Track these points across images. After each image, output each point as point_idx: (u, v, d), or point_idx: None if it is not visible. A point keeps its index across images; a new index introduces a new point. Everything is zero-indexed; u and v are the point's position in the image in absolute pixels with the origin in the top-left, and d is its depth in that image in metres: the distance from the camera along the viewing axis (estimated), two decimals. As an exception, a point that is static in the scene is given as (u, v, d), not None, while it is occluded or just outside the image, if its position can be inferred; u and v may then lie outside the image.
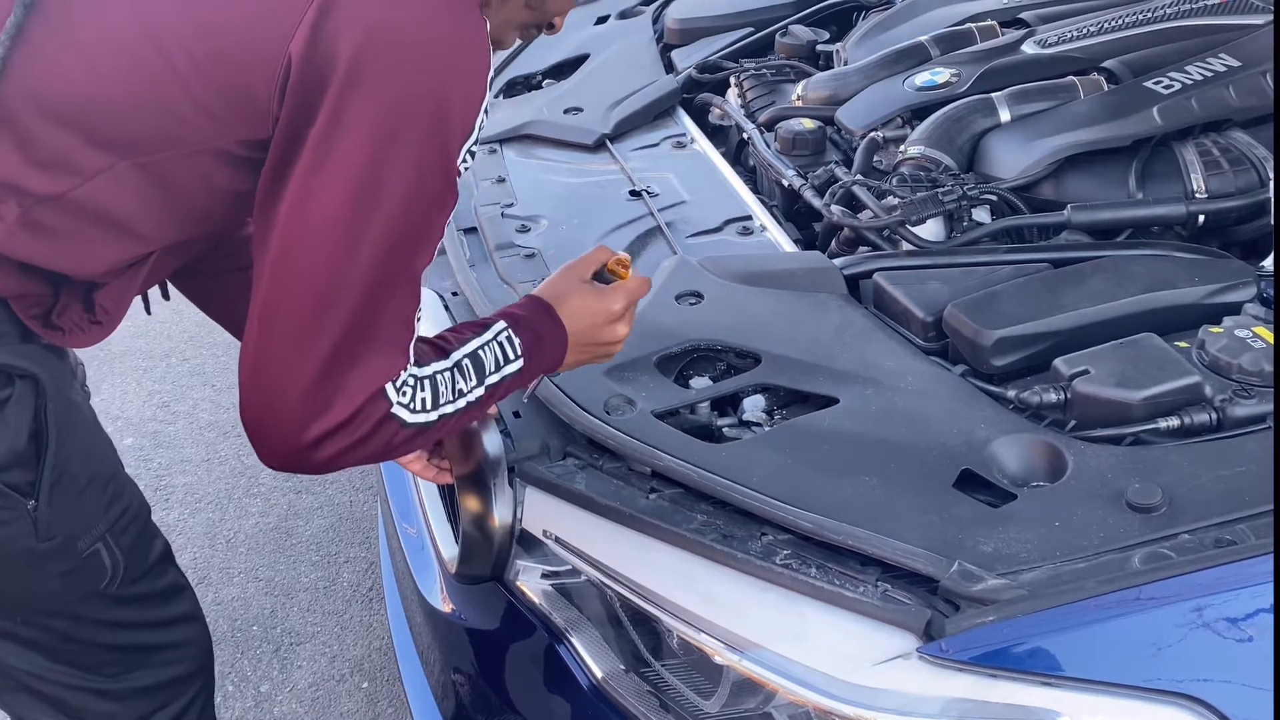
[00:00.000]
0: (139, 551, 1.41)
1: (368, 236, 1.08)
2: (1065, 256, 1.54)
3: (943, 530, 1.13)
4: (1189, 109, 1.71)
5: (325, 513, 2.74)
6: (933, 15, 2.24)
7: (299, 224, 1.08)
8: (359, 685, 2.28)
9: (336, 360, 1.10)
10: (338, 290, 1.09)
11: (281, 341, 1.11)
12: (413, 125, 1.08)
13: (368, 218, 1.08)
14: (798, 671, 1.10)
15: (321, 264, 1.09)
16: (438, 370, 1.17)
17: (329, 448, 1.11)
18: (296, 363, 1.10)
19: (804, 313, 1.49)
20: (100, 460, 1.36)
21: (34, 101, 1.12)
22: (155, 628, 1.47)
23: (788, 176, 1.86)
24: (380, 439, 1.13)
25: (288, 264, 1.09)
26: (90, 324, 1.29)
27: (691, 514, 1.22)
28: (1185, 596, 1.04)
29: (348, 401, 1.10)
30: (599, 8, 2.69)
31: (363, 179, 1.07)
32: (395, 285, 1.12)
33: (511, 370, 1.23)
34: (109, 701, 1.45)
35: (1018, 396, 1.31)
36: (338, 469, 1.16)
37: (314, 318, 1.09)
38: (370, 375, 1.11)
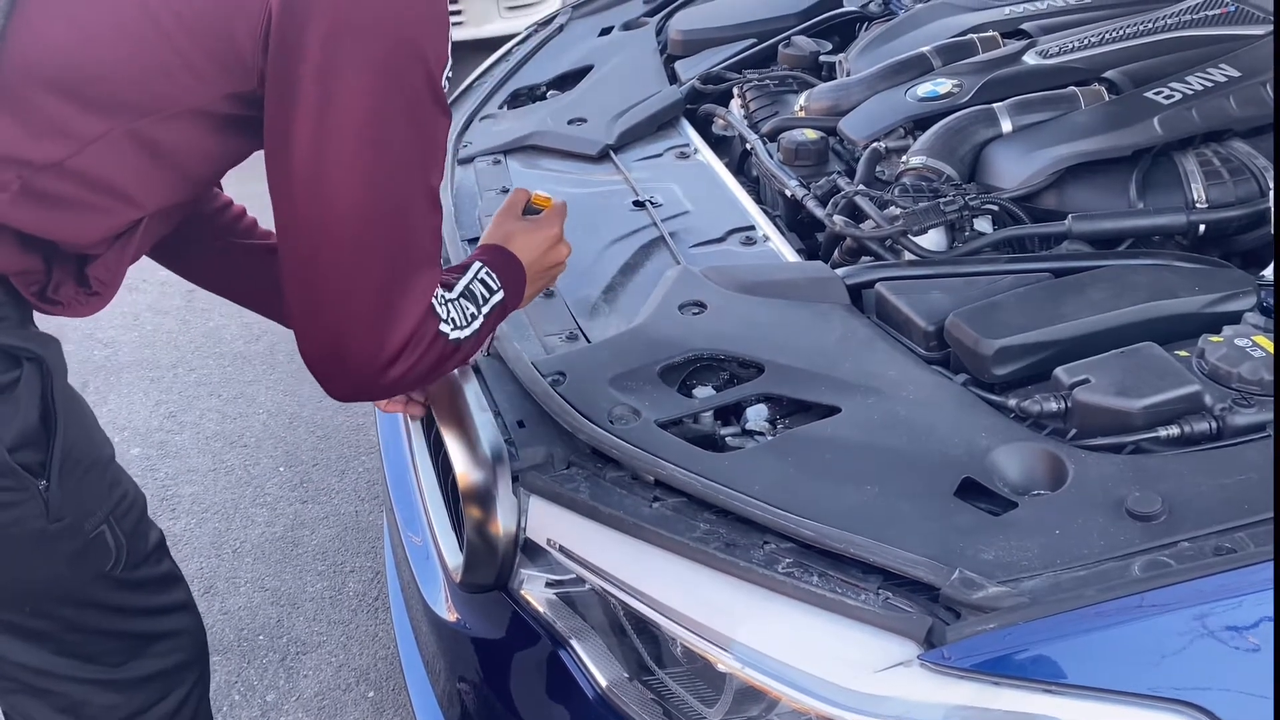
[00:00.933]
0: (139, 536, 1.45)
1: (388, 163, 1.17)
2: (1066, 266, 1.55)
3: (944, 538, 1.14)
4: (1189, 119, 1.72)
5: (331, 522, 2.75)
6: (935, 26, 2.25)
7: (321, 166, 1.15)
8: (365, 694, 2.29)
9: (389, 286, 1.20)
10: (374, 220, 1.18)
11: (333, 281, 1.19)
12: (399, 51, 1.15)
13: (384, 145, 1.16)
14: (800, 679, 1.11)
15: (354, 199, 1.16)
16: (449, 298, 1.29)
17: (397, 369, 1.22)
18: (353, 298, 1.19)
19: (807, 322, 1.50)
20: (99, 446, 1.40)
21: (30, 72, 1.15)
22: (154, 615, 1.50)
23: (790, 187, 1.87)
24: (434, 354, 1.25)
25: (320, 206, 1.16)
26: (87, 296, 1.33)
27: (694, 523, 1.23)
28: (1187, 604, 1.04)
29: (406, 321, 1.21)
30: (603, 19, 2.71)
31: (371, 110, 1.14)
32: (419, 203, 1.22)
33: (497, 300, 1.36)
34: (111, 692, 1.48)
35: (1019, 405, 1.32)
36: (401, 391, 1.34)
37: (359, 251, 1.18)
38: (420, 292, 1.23)
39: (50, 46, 1.15)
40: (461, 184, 2.00)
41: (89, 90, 1.16)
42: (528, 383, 1.43)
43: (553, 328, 1.58)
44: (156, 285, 3.73)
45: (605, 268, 1.71)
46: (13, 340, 1.25)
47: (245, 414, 3.12)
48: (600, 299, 1.65)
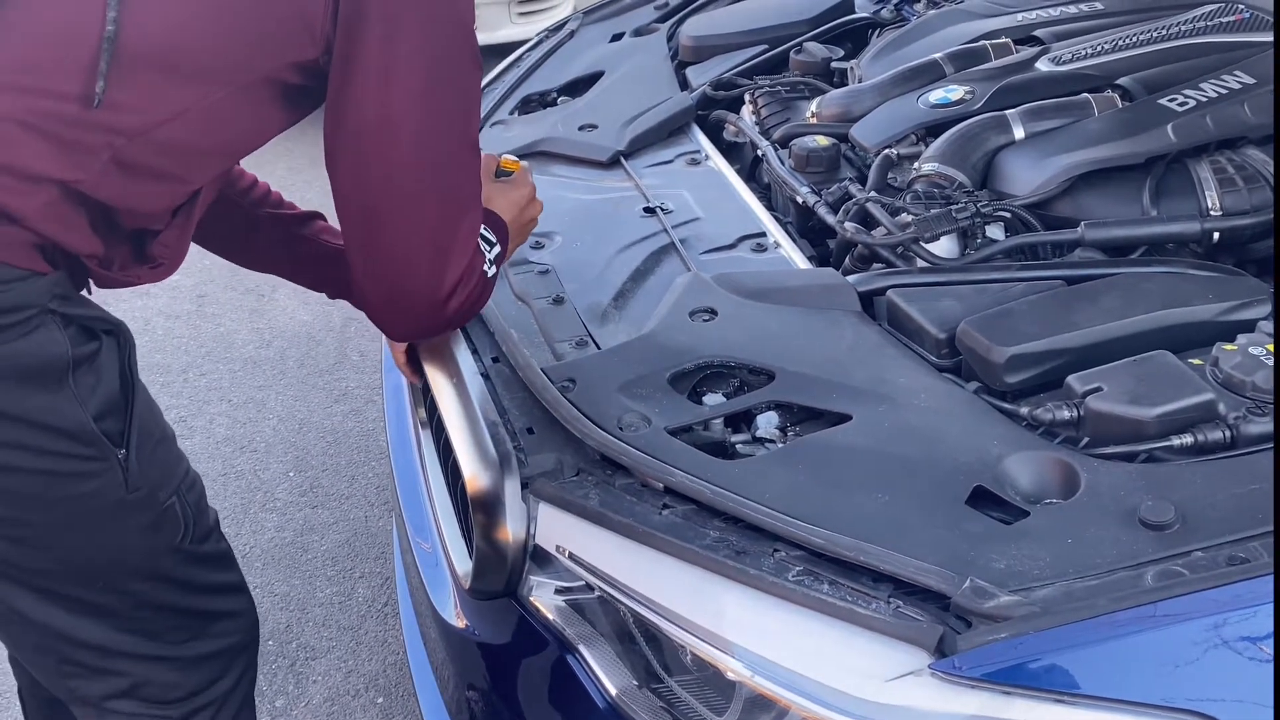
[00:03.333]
0: (202, 510, 1.50)
1: (441, 114, 1.31)
2: (1079, 274, 1.54)
3: (955, 547, 1.13)
4: (1204, 126, 1.71)
5: (340, 528, 2.75)
6: (947, 33, 2.25)
7: (384, 121, 1.27)
8: (374, 700, 2.29)
9: (442, 227, 1.34)
10: (430, 168, 1.30)
11: (394, 229, 1.32)
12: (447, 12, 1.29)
13: (438, 98, 1.30)
14: (810, 688, 1.10)
15: (413, 150, 1.29)
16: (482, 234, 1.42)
17: (454, 303, 1.37)
18: (413, 242, 1.33)
19: (818, 329, 1.49)
20: (162, 423, 1.46)
21: (137, 51, 1.22)
22: (216, 593, 1.55)
23: (802, 193, 1.86)
24: (482, 285, 1.41)
25: (382, 159, 1.29)
26: (150, 269, 1.40)
27: (704, 530, 1.22)
28: (1201, 614, 1.04)
29: (459, 258, 1.36)
30: (614, 25, 2.70)
31: (427, 67, 1.28)
32: (465, 149, 1.36)
33: (497, 253, 1.48)
34: (171, 670, 1.51)
35: (1030, 413, 1.31)
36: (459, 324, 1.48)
37: (417, 198, 1.31)
38: (470, 230, 1.38)
39: (156, 24, 1.22)
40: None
41: (184, 63, 1.25)
42: (537, 389, 1.43)
43: (562, 334, 1.58)
44: (168, 290, 3.74)
45: (615, 274, 1.71)
46: (91, 312, 1.32)
47: (255, 419, 3.12)
48: (610, 306, 1.64)
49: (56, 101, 1.21)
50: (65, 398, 1.28)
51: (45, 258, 1.27)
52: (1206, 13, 2.00)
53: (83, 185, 1.25)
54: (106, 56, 1.19)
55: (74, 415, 1.28)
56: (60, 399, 1.27)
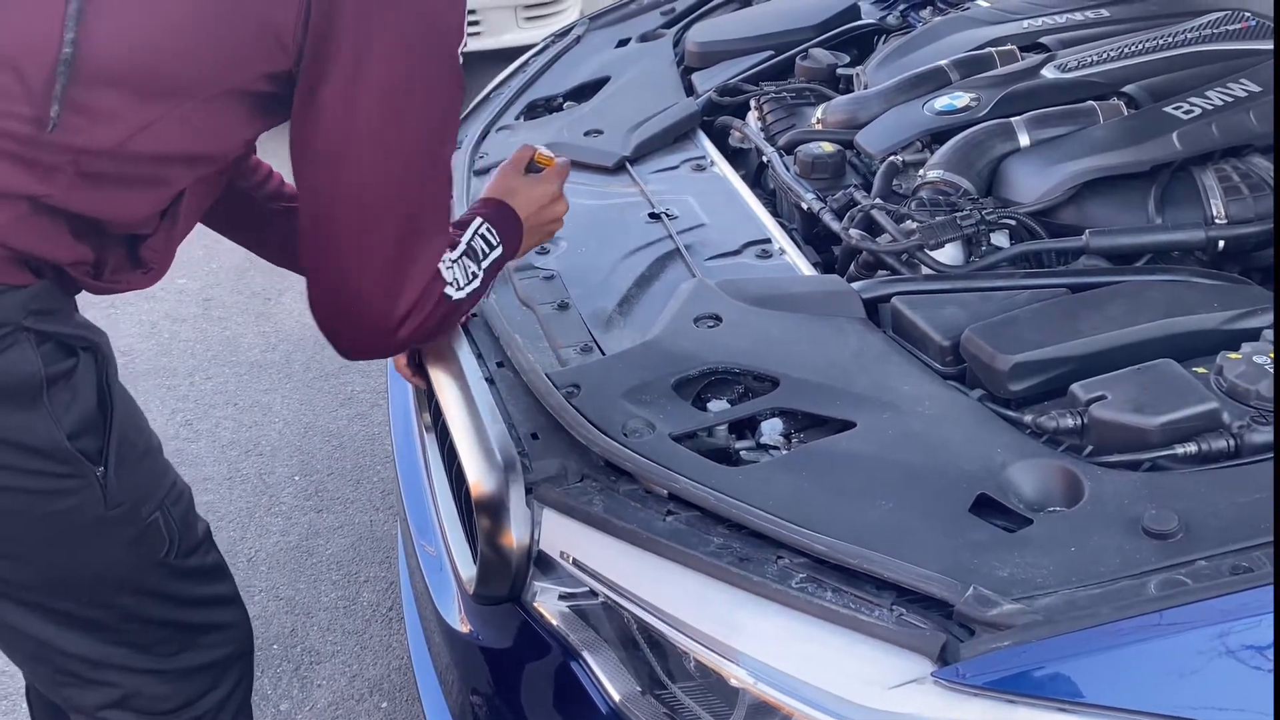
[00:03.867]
0: (189, 524, 1.49)
1: (410, 131, 1.25)
2: (1083, 281, 1.54)
3: (958, 555, 1.13)
4: (1209, 134, 1.71)
5: (346, 532, 2.76)
6: (952, 40, 2.25)
7: (346, 134, 1.23)
8: (378, 705, 2.29)
9: (400, 250, 1.28)
10: (392, 186, 1.26)
11: (350, 244, 1.27)
12: (428, 30, 1.24)
13: (408, 114, 1.25)
14: (813, 695, 1.10)
15: (377, 165, 1.25)
16: (453, 259, 1.37)
17: (405, 329, 1.31)
18: (368, 260, 1.27)
19: (822, 336, 1.50)
20: (148, 435, 1.45)
21: (98, 71, 1.20)
22: (206, 605, 1.54)
23: (807, 200, 1.86)
24: (440, 313, 1.34)
25: (343, 170, 1.25)
26: (143, 274, 1.39)
27: (708, 537, 1.23)
28: (1204, 623, 1.04)
29: (415, 284, 1.30)
30: (620, 30, 2.71)
31: (397, 85, 1.23)
32: (433, 175, 1.32)
33: (496, 255, 1.45)
34: (163, 683, 1.51)
35: (1034, 421, 1.31)
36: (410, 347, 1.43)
37: (376, 218, 1.26)
38: (430, 257, 1.32)
39: (117, 46, 1.20)
40: (477, 194, 2.00)
41: (149, 81, 1.22)
42: (542, 395, 1.43)
43: (567, 340, 1.58)
44: (174, 294, 3.75)
45: (620, 280, 1.71)
46: (69, 329, 1.30)
47: (261, 422, 3.12)
48: (615, 312, 1.65)
49: (12, 123, 1.19)
50: (40, 416, 1.26)
51: (29, 269, 1.26)
52: (1212, 20, 2.00)
53: (52, 199, 1.23)
54: (62, 80, 1.17)
55: (48, 434, 1.27)
56: (34, 417, 1.26)
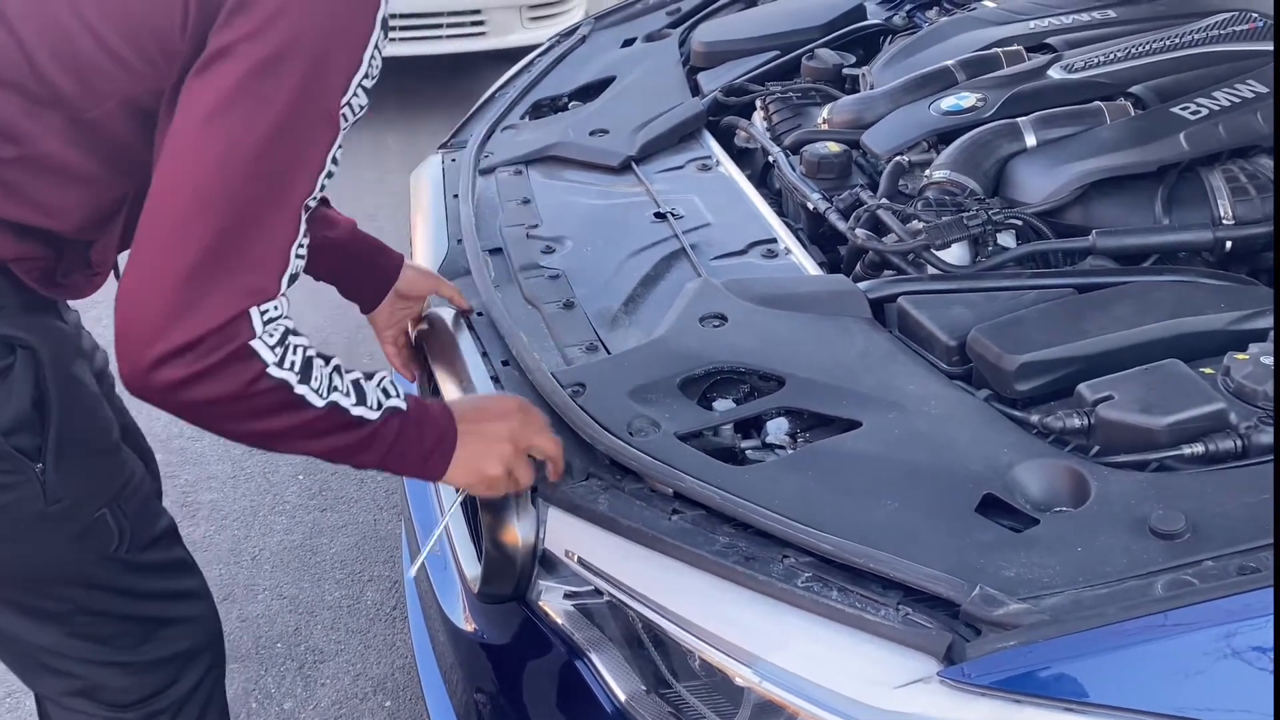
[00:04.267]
0: (144, 520, 1.48)
1: (238, 151, 1.12)
2: (1090, 282, 1.54)
3: (964, 554, 1.13)
4: (1216, 135, 1.71)
5: (350, 531, 2.76)
6: (959, 40, 2.25)
7: (178, 132, 1.14)
8: (382, 704, 2.29)
9: (200, 267, 1.10)
10: (206, 198, 1.12)
11: (151, 245, 1.13)
12: (291, 56, 1.12)
13: (239, 134, 1.12)
14: (818, 694, 1.10)
15: (193, 171, 1.12)
16: (315, 356, 1.18)
17: (175, 370, 1.10)
18: (162, 267, 1.11)
19: (828, 336, 1.49)
20: (102, 434, 1.43)
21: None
22: (165, 599, 1.54)
23: (813, 200, 1.86)
24: (235, 374, 1.12)
25: (166, 169, 1.14)
26: (89, 277, 1.38)
27: (714, 536, 1.22)
28: (1211, 624, 1.03)
29: (205, 316, 1.10)
30: (625, 30, 2.71)
31: (234, 98, 1.11)
32: (267, 208, 1.14)
33: (393, 405, 1.24)
34: (125, 675, 1.52)
35: (1041, 421, 1.31)
36: (190, 408, 1.14)
37: (183, 223, 1.12)
38: (234, 291, 1.12)
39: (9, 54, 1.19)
40: (483, 194, 2.01)
41: (30, 89, 1.20)
42: (547, 393, 1.43)
43: (573, 339, 1.58)
44: (179, 292, 3.74)
45: (626, 279, 1.71)
46: (7, 330, 1.29)
47: (266, 422, 3.12)
48: (621, 311, 1.64)
49: None
50: None
51: None
52: (1219, 21, 2.00)
53: None
54: None
55: None
56: None
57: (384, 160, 4.80)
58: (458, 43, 5.16)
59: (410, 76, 5.55)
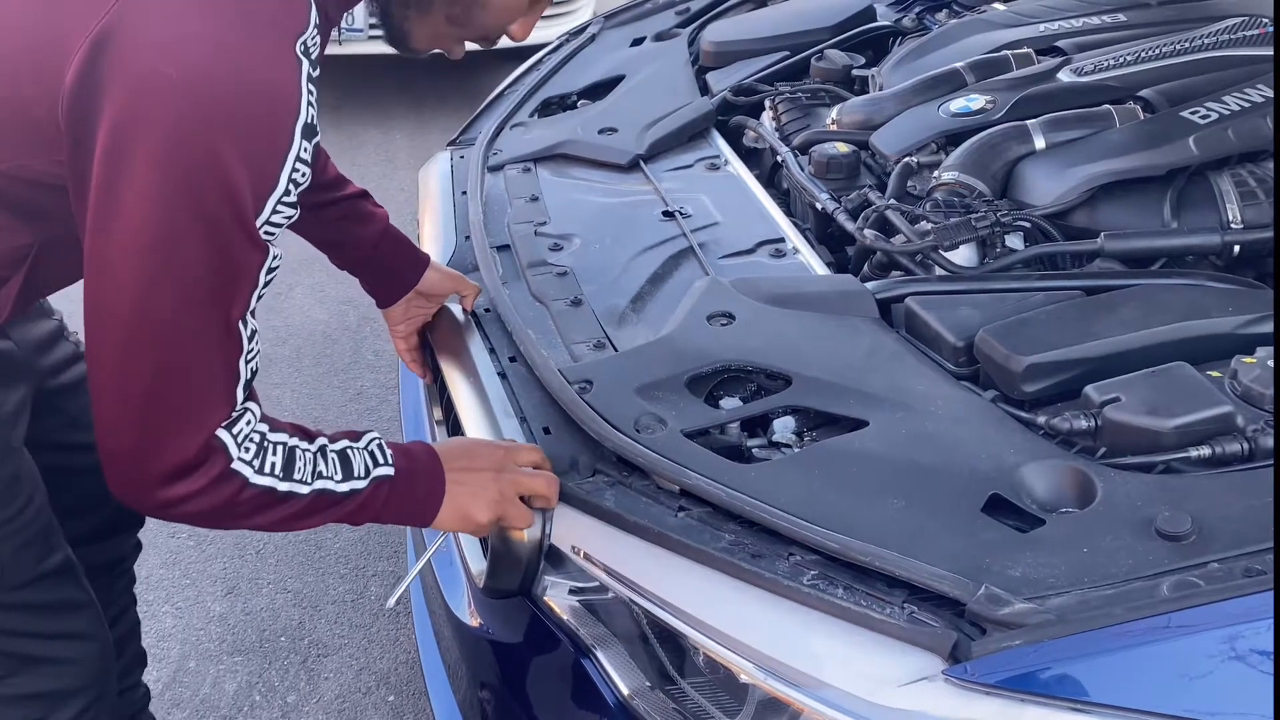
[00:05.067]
0: (22, 561, 1.43)
1: (171, 277, 1.08)
2: (1098, 284, 1.54)
3: (970, 554, 1.13)
4: (1225, 139, 1.71)
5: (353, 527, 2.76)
6: (968, 42, 2.25)
7: (103, 255, 1.09)
8: (385, 698, 2.29)
9: (150, 409, 1.12)
10: (143, 334, 1.10)
11: (100, 382, 1.13)
12: (194, 181, 1.05)
13: (167, 257, 1.07)
14: (823, 691, 1.10)
15: (124, 308, 1.09)
16: (298, 445, 1.21)
17: (164, 493, 1.14)
18: (117, 408, 1.13)
19: (835, 335, 1.49)
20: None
21: None
22: (40, 639, 1.49)
23: (821, 200, 1.86)
24: (221, 492, 1.15)
25: (97, 301, 1.11)
26: None
27: (720, 533, 1.23)
28: (1216, 625, 1.04)
29: (175, 450, 1.12)
30: (635, 29, 2.71)
31: (149, 231, 1.06)
32: (205, 333, 1.12)
33: (381, 474, 1.25)
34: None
35: (1048, 422, 1.31)
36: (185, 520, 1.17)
37: (121, 364, 1.11)
38: (192, 425, 1.13)
39: None
40: (491, 191, 2.01)
41: None
42: (554, 390, 1.44)
43: (580, 336, 1.59)
44: (186, 287, 3.74)
45: (633, 277, 1.71)
46: None
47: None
48: (628, 309, 1.65)
49: None
50: None
51: None
52: (1229, 26, 2.00)
53: None
54: None
55: None
56: None
57: (392, 157, 4.81)
58: (466, 41, 5.15)
59: (417, 74, 5.56)
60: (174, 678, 2.32)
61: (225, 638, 2.43)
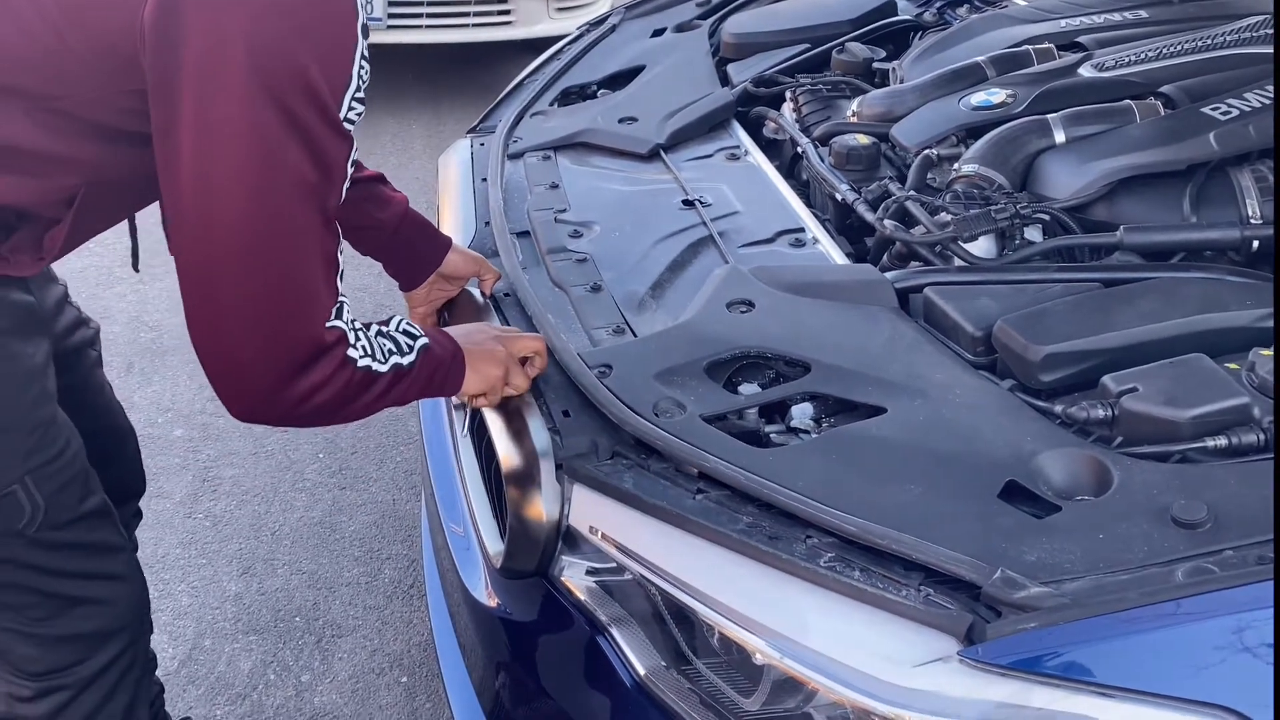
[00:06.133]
0: (64, 501, 1.47)
1: (276, 179, 1.16)
2: (1117, 276, 1.55)
3: (986, 539, 1.14)
4: (1246, 135, 1.71)
5: (369, 510, 2.78)
6: (989, 37, 2.25)
7: (207, 177, 1.15)
8: (398, 679, 2.31)
9: (275, 309, 1.19)
10: (263, 233, 1.17)
11: (223, 292, 1.19)
12: (280, 87, 1.13)
13: (270, 161, 1.15)
14: (838, 671, 1.11)
15: (240, 212, 1.16)
16: (364, 329, 1.30)
17: (292, 395, 1.22)
18: (245, 310, 1.19)
19: (854, 324, 1.50)
20: (26, 409, 1.41)
21: None
22: (79, 579, 1.53)
23: (841, 191, 1.87)
24: (339, 379, 1.24)
25: (208, 215, 1.17)
26: (35, 260, 1.36)
27: (738, 515, 1.24)
28: (1231, 611, 1.04)
29: (301, 344, 1.21)
30: (656, 20, 2.72)
31: (247, 140, 1.13)
32: (312, 221, 1.21)
33: (422, 344, 1.36)
34: (30, 645, 1.53)
35: (1065, 411, 1.32)
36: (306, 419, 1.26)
37: (248, 264, 1.18)
38: (313, 315, 1.22)
39: None
40: (511, 178, 2.02)
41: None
42: (574, 373, 1.45)
43: (600, 321, 1.60)
44: (204, 271, 3.76)
45: (653, 264, 1.72)
46: None
47: (287, 401, 3.14)
48: (648, 295, 1.66)
49: None
50: None
51: None
52: (1250, 24, 2.00)
53: None
54: None
55: None
56: None
57: (409, 145, 4.83)
58: (484, 31, 5.16)
59: (435, 65, 5.57)
60: (189, 655, 2.34)
61: (240, 617, 2.45)
